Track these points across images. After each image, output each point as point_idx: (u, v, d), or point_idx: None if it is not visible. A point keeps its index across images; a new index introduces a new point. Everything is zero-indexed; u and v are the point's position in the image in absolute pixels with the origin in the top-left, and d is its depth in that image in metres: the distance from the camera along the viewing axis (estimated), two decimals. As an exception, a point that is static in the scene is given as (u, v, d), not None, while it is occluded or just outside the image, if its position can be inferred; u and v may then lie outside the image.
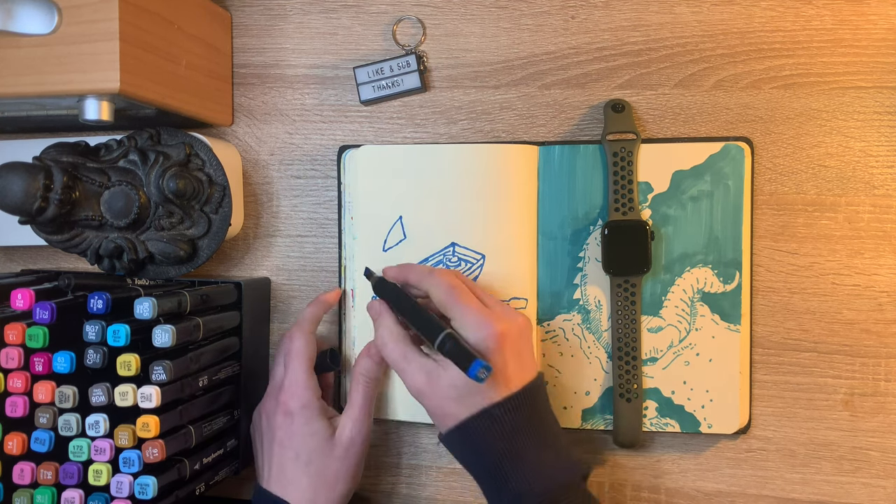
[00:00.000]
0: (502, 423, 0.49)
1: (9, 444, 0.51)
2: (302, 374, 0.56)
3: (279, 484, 0.54)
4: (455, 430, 0.50)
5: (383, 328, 0.54)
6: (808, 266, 0.58)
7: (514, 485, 0.49)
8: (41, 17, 0.49)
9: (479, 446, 0.50)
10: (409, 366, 0.52)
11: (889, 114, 0.57)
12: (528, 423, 0.50)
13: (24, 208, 0.52)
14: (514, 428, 0.49)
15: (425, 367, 0.51)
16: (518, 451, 0.49)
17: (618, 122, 0.57)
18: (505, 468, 0.49)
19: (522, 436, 0.49)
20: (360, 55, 0.63)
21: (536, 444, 0.50)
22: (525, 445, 0.49)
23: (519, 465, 0.49)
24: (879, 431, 0.57)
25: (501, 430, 0.49)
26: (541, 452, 0.49)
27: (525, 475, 0.49)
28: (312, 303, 0.60)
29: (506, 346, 0.50)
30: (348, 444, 0.56)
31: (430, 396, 0.51)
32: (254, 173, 0.65)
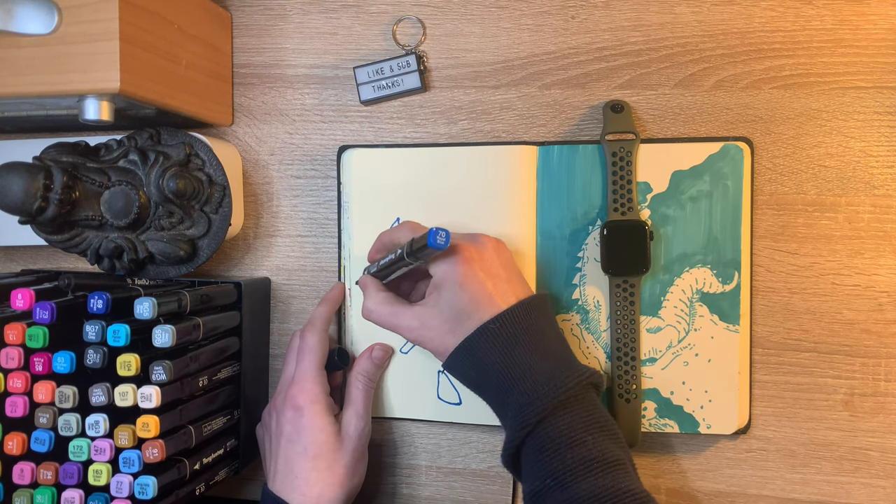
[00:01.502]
0: (497, 336, 0.49)
1: (9, 444, 0.51)
2: (312, 371, 0.56)
3: (286, 479, 0.54)
4: (454, 353, 0.51)
5: (368, 297, 0.55)
6: (809, 266, 0.58)
7: (517, 396, 0.48)
8: (41, 17, 0.49)
9: (479, 363, 0.50)
10: (401, 320, 0.53)
11: (889, 114, 0.57)
12: (526, 334, 0.50)
13: (24, 208, 0.52)
14: (510, 340, 0.49)
15: (415, 314, 0.53)
16: (518, 363, 0.49)
17: (617, 123, 0.57)
18: (506, 381, 0.49)
19: (521, 347, 0.49)
20: (360, 55, 0.63)
21: (536, 355, 0.49)
22: (524, 357, 0.49)
23: (520, 376, 0.49)
24: (879, 431, 0.57)
25: (496, 343, 0.49)
26: (542, 363, 0.49)
27: (526, 386, 0.48)
28: (321, 302, 0.60)
29: (476, 269, 0.51)
30: (355, 440, 0.56)
31: (428, 339, 0.52)
32: (254, 173, 0.65)
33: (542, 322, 0.51)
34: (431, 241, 0.48)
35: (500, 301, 0.50)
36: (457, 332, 0.51)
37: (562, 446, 0.47)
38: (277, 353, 0.65)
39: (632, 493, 0.45)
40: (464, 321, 0.50)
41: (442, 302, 0.51)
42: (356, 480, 0.57)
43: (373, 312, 0.55)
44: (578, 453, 0.46)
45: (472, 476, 0.63)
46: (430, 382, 0.61)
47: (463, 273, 0.51)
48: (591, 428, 0.48)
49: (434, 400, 0.61)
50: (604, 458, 0.46)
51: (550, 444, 0.47)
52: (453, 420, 0.61)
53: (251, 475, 0.66)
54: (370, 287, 0.56)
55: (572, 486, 0.46)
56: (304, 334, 0.58)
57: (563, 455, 0.46)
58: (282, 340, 0.65)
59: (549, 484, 0.46)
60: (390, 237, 0.57)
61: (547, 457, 0.47)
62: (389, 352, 0.61)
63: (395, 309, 0.54)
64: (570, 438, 0.47)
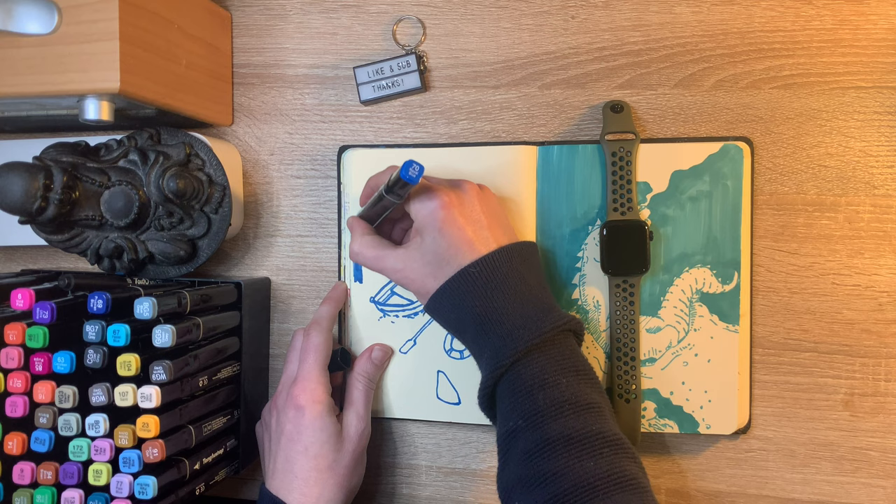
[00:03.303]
0: (476, 280, 0.49)
1: (9, 444, 0.51)
2: (316, 370, 0.56)
3: (286, 478, 0.54)
4: (434, 296, 0.51)
5: (355, 240, 0.56)
6: (809, 266, 0.58)
7: (493, 339, 0.49)
8: (41, 17, 0.49)
9: (458, 306, 0.50)
10: (386, 262, 0.54)
11: (889, 114, 0.57)
12: (504, 280, 0.50)
13: (24, 208, 0.52)
14: (489, 285, 0.49)
15: (399, 256, 0.53)
16: (496, 307, 0.49)
17: (617, 123, 0.57)
18: (484, 324, 0.49)
19: (499, 292, 0.49)
20: (360, 55, 0.63)
21: (515, 300, 0.49)
22: (502, 301, 0.49)
23: (497, 320, 0.49)
24: (879, 431, 0.57)
25: (475, 287, 0.49)
26: (520, 307, 0.49)
27: (502, 329, 0.48)
28: (325, 302, 0.60)
29: (456, 214, 0.51)
30: (356, 440, 0.57)
31: (410, 281, 0.53)
32: (254, 173, 0.65)
33: (522, 268, 0.51)
34: (404, 173, 0.48)
35: (479, 246, 0.51)
36: (437, 276, 0.51)
37: (534, 387, 0.47)
38: (277, 353, 0.65)
39: (603, 435, 0.45)
40: (444, 266, 0.51)
41: (423, 246, 0.52)
42: (355, 481, 0.57)
43: (358, 255, 0.55)
44: (551, 394, 0.46)
45: (472, 476, 0.63)
46: (429, 382, 0.61)
47: (442, 219, 0.51)
48: (565, 371, 0.48)
49: (433, 400, 0.61)
50: (577, 400, 0.46)
51: (523, 385, 0.47)
52: (453, 420, 0.61)
53: (251, 475, 0.66)
54: (357, 229, 0.56)
55: (543, 426, 0.45)
56: (309, 333, 0.57)
57: (535, 396, 0.46)
58: (282, 340, 0.65)
59: (520, 424, 0.46)
60: (377, 179, 0.57)
61: (519, 398, 0.47)
62: (389, 352, 0.61)
63: (380, 252, 0.54)
64: (544, 380, 0.47)
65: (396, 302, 0.61)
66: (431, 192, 0.52)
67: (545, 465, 0.44)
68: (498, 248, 0.51)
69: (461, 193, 0.53)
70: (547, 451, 0.45)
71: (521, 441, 0.46)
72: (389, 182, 0.50)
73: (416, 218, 0.52)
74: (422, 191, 0.52)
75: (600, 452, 0.44)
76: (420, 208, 0.52)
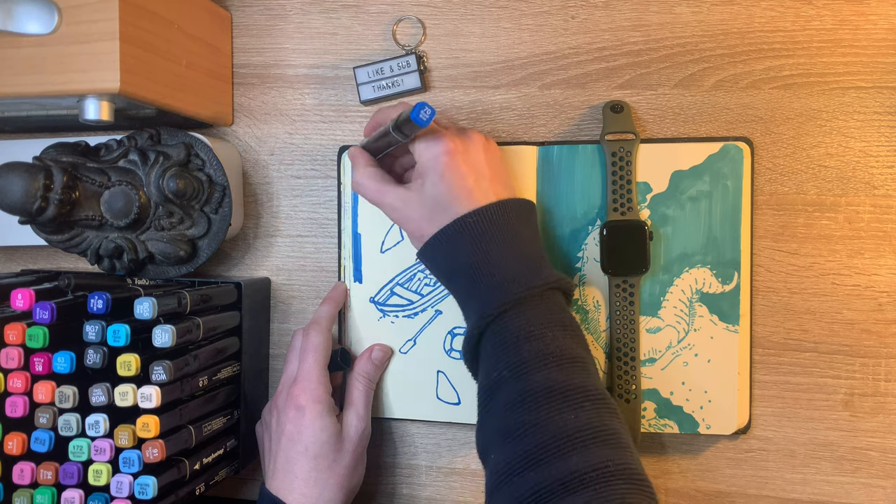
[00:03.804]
0: (471, 230, 0.49)
1: (9, 444, 0.51)
2: (316, 370, 0.56)
3: (286, 478, 0.54)
4: (428, 242, 0.51)
5: (358, 171, 0.55)
6: (809, 266, 0.58)
7: (482, 290, 0.49)
8: (41, 17, 0.49)
9: (451, 254, 0.50)
10: (386, 197, 0.53)
11: (889, 114, 0.57)
12: (500, 233, 0.49)
13: (24, 208, 0.52)
14: (484, 236, 0.49)
15: (399, 194, 0.53)
16: (488, 259, 0.49)
17: (616, 123, 0.57)
18: (474, 274, 0.49)
19: (493, 245, 0.49)
20: (360, 55, 0.63)
21: (508, 254, 0.49)
22: (495, 254, 0.49)
23: (488, 272, 0.49)
24: (879, 431, 0.57)
25: (470, 237, 0.49)
26: (512, 261, 0.49)
27: (492, 280, 0.48)
28: (325, 302, 0.60)
29: (459, 161, 0.51)
30: (356, 441, 0.56)
31: (407, 220, 0.52)
32: (254, 173, 0.65)
33: (518, 224, 0.51)
34: (414, 114, 0.47)
35: (479, 197, 0.50)
36: (434, 221, 0.51)
37: (520, 339, 0.47)
38: (277, 353, 0.65)
39: (585, 388, 0.45)
40: (441, 212, 0.50)
41: (423, 189, 0.51)
42: (355, 481, 0.57)
43: (360, 185, 0.55)
44: (536, 346, 0.46)
45: (472, 476, 0.63)
46: (429, 382, 0.61)
47: (445, 164, 0.51)
48: (552, 325, 0.47)
49: (433, 400, 0.61)
50: (561, 353, 0.46)
51: (509, 336, 0.47)
52: (453, 420, 0.61)
53: (251, 475, 0.66)
54: (360, 160, 0.56)
55: (526, 377, 0.45)
56: (309, 333, 0.57)
57: (521, 347, 0.46)
58: (282, 340, 0.65)
59: (504, 375, 0.46)
60: (385, 113, 0.56)
61: (504, 349, 0.47)
62: (389, 352, 0.61)
63: (382, 186, 0.54)
64: (529, 332, 0.47)
65: (396, 302, 0.61)
66: (437, 136, 0.51)
67: (525, 416, 0.44)
68: (497, 200, 0.51)
69: (467, 141, 0.52)
70: (528, 402, 0.45)
71: (503, 392, 0.46)
72: (399, 120, 0.49)
73: (420, 160, 0.52)
74: (428, 133, 0.52)
75: (581, 405, 0.44)
76: (424, 150, 0.52)
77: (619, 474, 0.42)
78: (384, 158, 0.57)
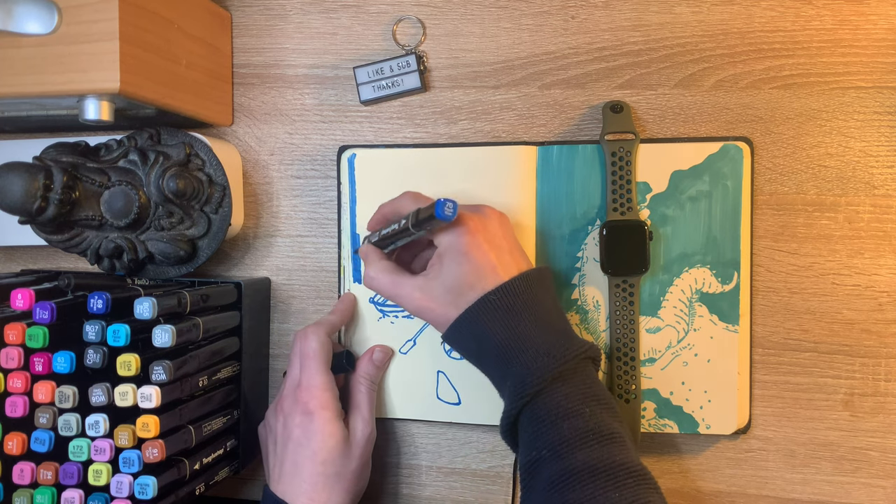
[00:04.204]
0: (497, 308, 0.49)
1: (9, 444, 0.51)
2: (321, 375, 0.55)
3: (293, 482, 0.54)
4: (455, 324, 0.51)
5: (370, 266, 0.55)
6: (808, 266, 0.58)
7: (516, 367, 0.48)
8: (41, 17, 0.49)
9: (479, 334, 0.50)
10: (403, 290, 0.53)
11: (889, 114, 0.57)
12: (525, 307, 0.49)
13: (24, 208, 0.52)
14: (511, 312, 0.49)
15: (417, 285, 0.53)
16: (518, 335, 0.49)
17: (616, 123, 0.57)
18: (506, 352, 0.49)
19: (521, 319, 0.49)
20: (360, 55, 0.63)
21: (536, 327, 0.49)
22: (524, 328, 0.49)
23: (519, 348, 0.49)
24: (879, 431, 0.57)
25: (497, 314, 0.49)
26: (541, 335, 0.49)
27: (525, 357, 0.48)
28: (335, 312, 0.60)
29: (481, 240, 0.51)
30: (363, 445, 0.57)
31: (429, 309, 0.52)
32: (254, 173, 0.65)
33: (542, 294, 0.51)
34: (439, 212, 0.48)
35: (502, 272, 0.50)
36: (458, 304, 0.51)
37: (559, 417, 0.47)
38: (277, 353, 0.65)
39: (626, 466, 0.45)
40: (466, 292, 0.50)
41: (445, 272, 0.51)
42: (362, 484, 0.57)
43: (374, 280, 0.55)
44: (575, 424, 0.46)
45: (472, 476, 0.63)
46: (429, 383, 0.61)
47: (468, 244, 0.51)
48: (588, 400, 0.47)
49: (434, 400, 0.61)
50: (600, 430, 0.46)
51: (547, 414, 0.47)
52: (453, 420, 0.61)
53: (251, 475, 0.66)
54: (371, 255, 0.56)
55: (568, 456, 0.45)
56: (307, 337, 0.57)
57: (560, 426, 0.46)
58: (282, 340, 0.65)
59: (544, 455, 0.46)
60: (392, 207, 0.57)
61: (544, 427, 0.47)
62: (390, 353, 0.61)
63: (397, 279, 0.54)
64: (568, 409, 0.47)
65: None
66: (457, 218, 0.51)
67: (569, 496, 0.44)
68: (519, 273, 0.51)
69: (485, 219, 0.52)
70: (571, 482, 0.45)
71: (545, 471, 0.46)
72: (419, 217, 0.50)
73: (441, 243, 0.52)
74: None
75: (624, 483, 0.44)
76: (445, 234, 0.52)
77: None
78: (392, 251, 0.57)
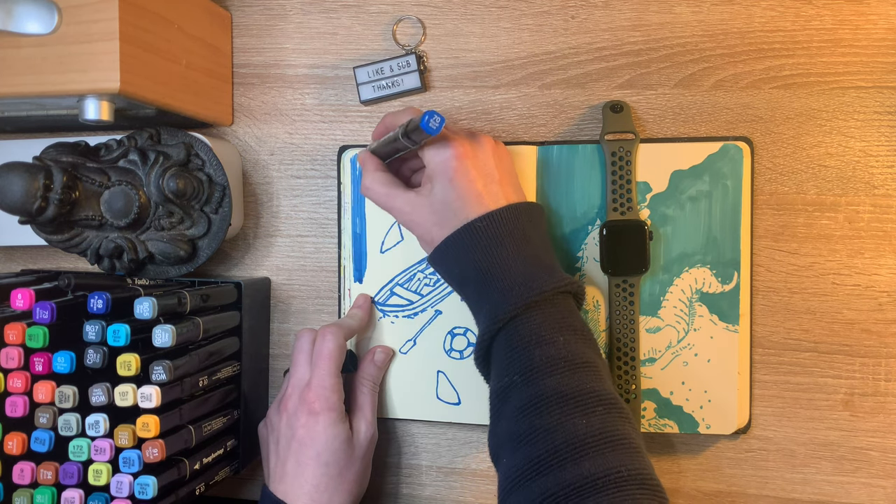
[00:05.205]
0: (482, 235, 0.49)
1: (9, 444, 0.51)
2: (331, 377, 0.55)
3: (295, 483, 0.54)
4: (439, 247, 0.51)
5: (367, 176, 0.55)
6: (809, 266, 0.58)
7: (493, 294, 0.48)
8: (41, 17, 0.49)
9: (461, 259, 0.50)
10: (395, 201, 0.53)
11: (889, 114, 0.57)
12: (510, 236, 0.49)
13: (24, 208, 0.52)
14: (494, 240, 0.49)
15: (408, 199, 0.53)
16: (499, 263, 0.49)
17: (616, 122, 0.57)
18: (485, 278, 0.49)
19: (503, 249, 0.49)
20: (360, 55, 0.63)
21: (518, 257, 0.49)
22: (506, 258, 0.49)
23: (499, 275, 0.49)
24: (879, 431, 0.57)
25: (480, 241, 0.49)
26: (522, 265, 0.49)
27: (503, 284, 0.48)
28: (354, 318, 0.60)
29: (469, 166, 0.51)
30: (365, 447, 0.57)
31: (417, 225, 0.53)
32: (254, 173, 0.65)
33: (528, 228, 0.51)
34: (424, 123, 0.47)
35: (488, 201, 0.50)
36: (444, 226, 0.51)
37: (531, 344, 0.47)
38: (277, 353, 0.65)
39: (596, 393, 0.45)
40: (451, 217, 0.51)
41: (433, 194, 0.51)
42: (363, 485, 0.57)
43: (369, 189, 0.55)
44: (547, 351, 0.46)
45: (472, 476, 0.63)
46: (429, 383, 0.61)
47: (455, 168, 0.51)
48: (563, 329, 0.47)
49: (434, 400, 0.61)
50: (573, 357, 0.46)
51: (520, 340, 0.47)
52: (453, 420, 0.61)
53: (251, 475, 0.66)
54: (369, 164, 0.56)
55: (537, 382, 0.45)
56: (326, 337, 0.56)
57: (532, 352, 0.46)
58: (282, 340, 0.65)
59: (515, 380, 0.46)
60: (394, 118, 0.56)
61: (515, 354, 0.47)
62: (391, 354, 0.61)
63: (391, 190, 0.54)
64: (540, 337, 0.47)
65: (396, 302, 0.61)
66: (446, 141, 0.51)
67: (537, 421, 0.44)
68: (507, 204, 0.51)
69: (476, 145, 0.52)
70: (540, 407, 0.44)
71: (515, 397, 0.46)
72: (408, 127, 0.49)
73: (429, 165, 0.52)
74: (438, 137, 0.51)
75: (593, 410, 0.44)
76: (434, 155, 0.52)
77: (632, 479, 0.42)
78: (393, 161, 0.57)
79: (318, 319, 0.64)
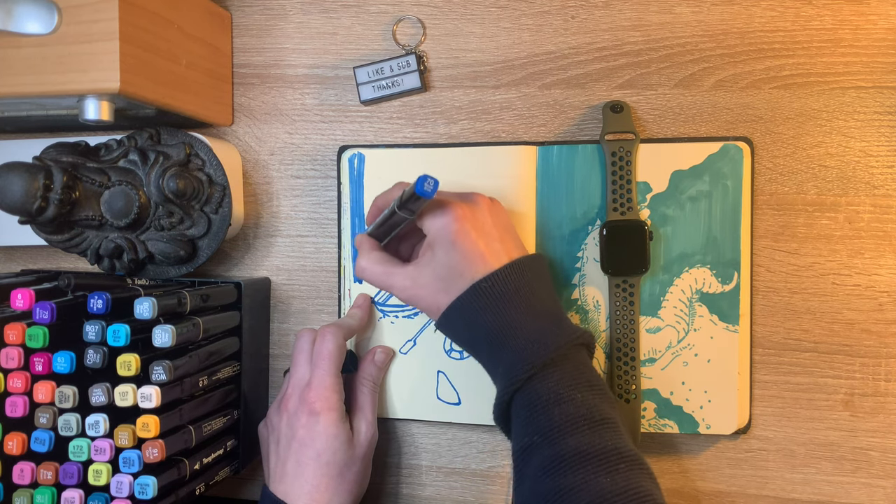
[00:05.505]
0: (487, 295, 0.49)
1: (9, 444, 0.51)
2: (331, 377, 0.55)
3: (295, 483, 0.54)
4: (446, 312, 0.51)
5: (363, 256, 0.55)
6: (809, 266, 0.58)
7: (507, 354, 0.48)
8: (41, 17, 0.49)
9: (470, 322, 0.50)
10: (394, 279, 0.53)
11: (889, 114, 0.57)
12: (516, 294, 0.49)
13: (24, 208, 0.52)
14: (501, 299, 0.49)
15: (408, 273, 0.53)
16: (509, 322, 0.49)
17: (616, 123, 0.57)
18: (497, 339, 0.49)
19: (511, 306, 0.49)
20: (360, 55, 0.63)
21: (527, 314, 0.49)
22: (515, 315, 0.49)
23: (510, 335, 0.48)
24: (879, 431, 0.57)
25: (487, 302, 0.49)
26: (533, 321, 0.49)
27: (516, 343, 0.48)
28: (354, 318, 0.60)
29: (468, 228, 0.51)
30: (366, 447, 0.57)
31: (421, 297, 0.52)
32: (254, 173, 0.65)
33: (534, 281, 0.51)
34: (419, 188, 0.47)
35: (491, 260, 0.50)
36: (449, 291, 0.51)
37: (550, 403, 0.46)
38: (277, 353, 0.65)
39: (618, 450, 0.45)
40: (456, 280, 0.50)
41: (435, 261, 0.51)
42: (363, 486, 0.57)
43: (366, 270, 0.55)
44: (566, 410, 0.46)
45: (472, 476, 0.63)
46: (429, 383, 0.61)
47: (456, 231, 0.50)
48: (580, 386, 0.47)
49: (434, 400, 0.61)
50: (591, 415, 0.46)
51: (539, 400, 0.47)
52: (453, 420, 0.61)
53: (251, 475, 0.66)
54: (365, 245, 0.56)
55: (559, 442, 0.45)
56: (326, 337, 0.56)
57: (551, 411, 0.46)
58: (282, 340, 0.65)
59: (536, 440, 0.46)
60: (384, 198, 0.57)
61: (535, 413, 0.47)
62: (391, 354, 0.61)
63: (389, 268, 0.54)
64: (559, 395, 0.47)
65: (396, 302, 0.61)
66: (444, 206, 0.51)
67: (561, 481, 0.44)
68: (509, 261, 0.50)
69: (473, 207, 0.52)
70: (562, 467, 0.44)
71: (537, 457, 0.46)
72: (403, 197, 0.50)
73: (429, 231, 0.52)
74: (434, 204, 0.51)
75: (616, 468, 0.44)
76: (433, 221, 0.51)
77: None
78: (389, 244, 0.57)
79: (318, 319, 0.64)
